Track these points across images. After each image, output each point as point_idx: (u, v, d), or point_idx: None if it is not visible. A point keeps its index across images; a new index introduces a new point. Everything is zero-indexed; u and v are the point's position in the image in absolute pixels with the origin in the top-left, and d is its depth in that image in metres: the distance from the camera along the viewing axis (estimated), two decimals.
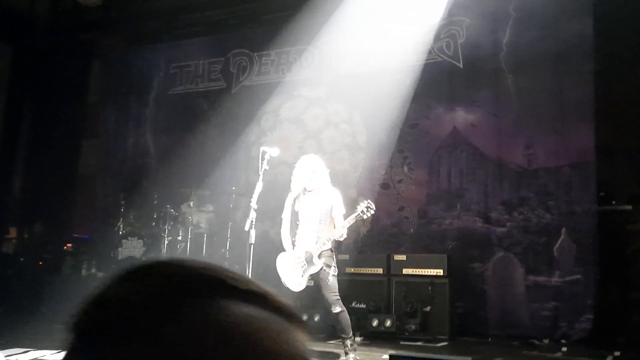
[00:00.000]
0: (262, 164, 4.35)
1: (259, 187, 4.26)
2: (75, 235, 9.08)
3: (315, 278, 4.44)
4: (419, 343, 5.81)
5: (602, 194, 6.90)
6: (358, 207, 4.28)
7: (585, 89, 6.84)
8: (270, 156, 4.41)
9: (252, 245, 4.13)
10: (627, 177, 7.07)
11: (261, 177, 4.30)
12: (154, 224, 7.46)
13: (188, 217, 7.20)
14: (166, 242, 7.14)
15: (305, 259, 4.37)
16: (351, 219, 4.29)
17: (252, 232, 4.12)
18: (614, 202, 7.04)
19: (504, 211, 7.12)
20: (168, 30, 9.35)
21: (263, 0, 8.48)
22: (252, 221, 4.13)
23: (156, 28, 9.40)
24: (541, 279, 6.77)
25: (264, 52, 8.66)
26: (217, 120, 8.56)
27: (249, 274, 4.07)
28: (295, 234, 4.51)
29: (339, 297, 4.41)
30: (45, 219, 8.71)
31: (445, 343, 5.87)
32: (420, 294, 6.25)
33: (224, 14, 8.87)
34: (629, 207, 7.01)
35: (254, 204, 4.20)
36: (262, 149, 4.43)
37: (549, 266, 6.76)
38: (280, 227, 4.58)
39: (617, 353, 5.30)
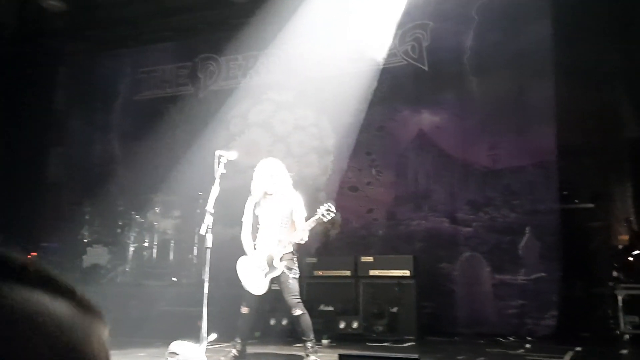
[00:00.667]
0: (217, 167, 4.33)
1: (215, 191, 4.24)
2: (43, 244, 8.93)
3: (277, 281, 4.44)
4: (386, 344, 5.84)
5: (564, 192, 7.05)
6: (318, 210, 4.29)
7: (547, 90, 6.99)
8: (228, 160, 4.41)
9: (208, 250, 4.11)
10: (589, 176, 7.21)
11: (217, 180, 4.28)
12: (119, 230, 7.39)
13: (154, 223, 7.14)
14: (132, 248, 7.08)
15: (267, 262, 4.37)
16: (312, 222, 4.30)
17: (209, 237, 4.10)
18: (576, 201, 7.19)
19: (470, 211, 7.22)
20: (135, 35, 9.28)
21: (230, 5, 8.46)
22: (208, 225, 4.12)
23: (123, 34, 9.32)
24: (507, 277, 6.87)
25: (232, 57, 8.65)
26: (184, 125, 8.52)
27: (206, 277, 4.06)
28: (256, 237, 4.50)
29: (300, 300, 4.41)
30: (10, 228, 8.54)
31: (412, 343, 5.91)
32: (388, 295, 6.29)
33: (192, 19, 8.84)
34: (591, 205, 7.16)
35: (210, 208, 4.18)
36: (217, 152, 4.41)
37: (515, 264, 6.86)
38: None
39: (578, 348, 5.40)
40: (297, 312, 4.35)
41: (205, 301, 4.03)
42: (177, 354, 3.60)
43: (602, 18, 6.90)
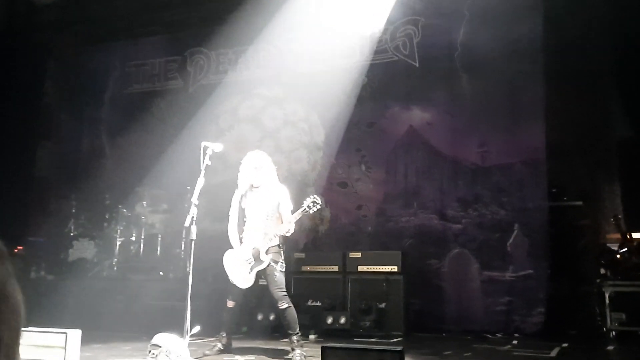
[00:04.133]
0: (203, 159, 4.30)
1: (200, 182, 4.20)
2: (30, 238, 8.85)
3: (263, 274, 4.41)
4: (374, 339, 5.82)
5: (553, 190, 7.06)
6: (304, 202, 4.26)
7: (536, 87, 6.99)
8: (213, 151, 4.37)
9: (192, 242, 4.07)
10: (577, 174, 7.23)
11: (203, 172, 4.25)
12: (106, 224, 7.33)
13: (141, 217, 7.08)
14: (118, 242, 7.02)
15: (253, 255, 4.34)
16: (297, 214, 4.27)
17: (194, 229, 4.06)
18: (565, 198, 7.20)
19: (459, 208, 7.22)
20: (124, 29, 9.20)
21: None
22: (192, 217, 4.08)
23: (112, 27, 9.24)
24: (495, 274, 6.87)
25: (221, 51, 8.61)
26: (173, 119, 8.47)
27: (190, 270, 4.02)
28: (243, 230, 4.47)
29: (285, 294, 4.39)
30: None
31: (399, 339, 5.90)
32: (375, 290, 6.28)
33: (181, 13, 8.78)
34: (580, 203, 7.19)
35: (195, 199, 4.14)
36: (203, 143, 4.37)
37: (503, 261, 6.87)
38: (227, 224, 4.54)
39: (564, 345, 5.40)
40: (283, 305, 4.33)
41: (189, 294, 3.99)
42: (160, 346, 3.56)
43: (593, 17, 6.92)
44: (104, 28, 9.27)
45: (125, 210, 7.19)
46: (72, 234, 7.41)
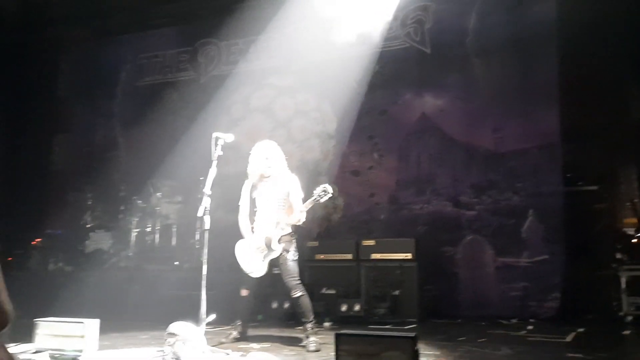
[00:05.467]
0: (215, 149, 4.32)
1: (212, 173, 4.23)
2: (48, 231, 8.99)
3: (276, 263, 4.44)
4: (388, 326, 5.85)
5: (568, 175, 6.99)
6: (315, 191, 4.27)
7: (550, 71, 6.91)
8: (225, 142, 4.39)
9: (206, 232, 4.11)
10: (592, 158, 7.14)
11: (215, 162, 4.27)
12: (121, 216, 7.41)
13: (156, 208, 7.16)
14: (134, 233, 7.10)
15: (265, 244, 4.37)
16: (309, 203, 4.28)
17: (207, 219, 4.10)
18: (580, 183, 7.12)
19: (473, 195, 7.18)
20: (135, 21, 9.25)
21: None
22: (205, 208, 4.11)
23: (123, 20, 9.29)
24: (510, 260, 6.85)
25: (232, 41, 8.61)
26: (186, 110, 8.51)
27: (204, 260, 4.06)
28: (254, 220, 4.50)
29: (299, 282, 4.41)
30: (15, 215, 8.60)
31: (414, 325, 5.91)
32: (389, 278, 6.29)
33: (191, 4, 8.79)
34: (595, 188, 7.10)
35: (207, 190, 4.17)
36: (214, 134, 4.39)
37: (518, 247, 6.83)
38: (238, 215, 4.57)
39: (580, 329, 5.38)
40: (297, 293, 4.36)
41: (203, 283, 4.04)
42: (176, 334, 3.62)
43: None
44: (115, 21, 9.32)
45: (140, 202, 7.27)
46: (88, 226, 7.52)
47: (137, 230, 7.22)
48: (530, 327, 5.67)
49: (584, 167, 7.18)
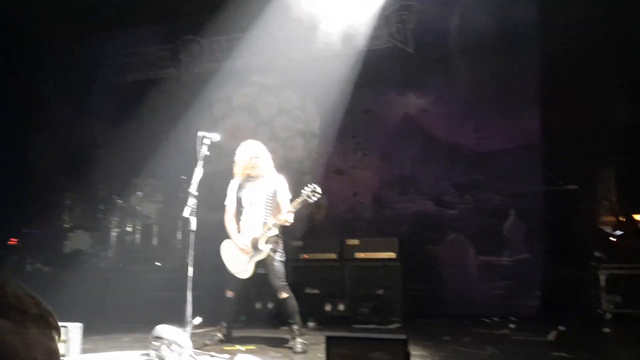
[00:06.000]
0: (200, 149, 4.26)
1: (198, 173, 4.17)
2: (25, 230, 8.80)
3: (262, 264, 4.40)
4: (372, 326, 5.85)
5: (549, 174, 7.08)
6: (303, 191, 4.24)
7: (532, 72, 6.99)
8: (211, 141, 4.33)
9: (192, 233, 4.05)
10: (573, 158, 7.24)
11: (201, 163, 4.21)
12: (101, 215, 7.29)
13: (137, 207, 7.05)
14: (114, 233, 6.98)
15: (251, 245, 4.32)
16: (297, 204, 4.25)
17: (193, 219, 4.04)
18: (560, 183, 7.22)
19: (455, 194, 7.24)
20: (117, 18, 9.07)
21: None
22: (191, 208, 4.05)
23: (105, 17, 9.11)
24: (492, 258, 6.92)
25: (214, 39, 8.53)
26: (167, 108, 8.38)
27: (190, 261, 4.01)
28: (240, 220, 4.45)
29: (286, 283, 4.38)
30: None
31: (398, 325, 5.92)
32: (373, 277, 6.29)
33: (174, 2, 8.66)
34: (575, 187, 7.21)
35: (193, 190, 4.11)
36: (200, 133, 4.33)
37: (500, 246, 6.91)
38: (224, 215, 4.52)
39: (561, 327, 5.45)
40: (284, 295, 4.33)
41: (189, 285, 3.98)
42: (162, 338, 3.56)
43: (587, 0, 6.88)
44: (96, 17, 9.14)
45: (120, 201, 7.15)
46: (67, 226, 7.37)
47: (118, 230, 7.11)
48: (512, 326, 5.72)
49: (564, 167, 7.28)
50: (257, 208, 4.40)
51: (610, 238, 6.55)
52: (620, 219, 6.50)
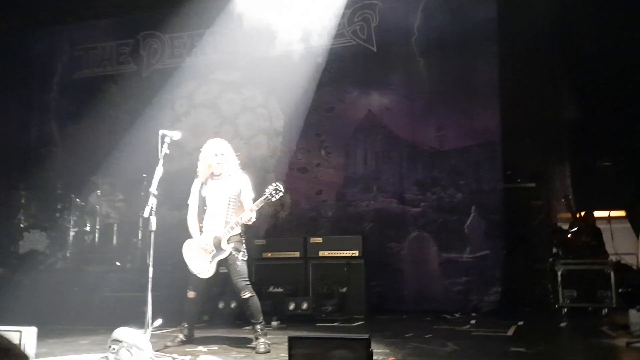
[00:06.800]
0: (161, 147, 4.17)
1: (159, 172, 4.08)
2: None
3: (225, 264, 4.35)
4: (336, 324, 5.87)
5: (508, 172, 7.25)
6: (266, 190, 4.20)
7: (491, 72, 7.13)
8: (172, 139, 4.25)
9: (152, 233, 3.96)
10: (531, 156, 7.44)
11: (161, 161, 4.12)
12: (58, 215, 7.07)
13: (96, 206, 6.87)
14: (72, 233, 6.79)
15: (214, 244, 4.27)
16: (260, 202, 4.21)
17: (153, 219, 3.95)
18: (519, 180, 7.41)
19: (418, 192, 7.32)
20: (73, 11, 8.80)
21: None
22: (152, 208, 3.97)
23: (60, 9, 8.82)
24: (453, 255, 7.03)
25: (176, 34, 8.38)
26: (127, 105, 8.20)
27: (150, 262, 3.93)
28: (203, 219, 4.38)
29: (248, 283, 4.34)
30: None
31: (361, 322, 5.96)
32: (337, 275, 6.32)
33: None
34: (533, 184, 7.41)
35: (154, 189, 4.02)
36: (161, 131, 4.23)
37: (461, 243, 7.03)
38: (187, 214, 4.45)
39: (520, 323, 5.58)
40: (246, 294, 4.29)
41: (149, 286, 3.90)
42: (121, 341, 3.47)
43: (546, 2, 7.05)
44: (51, 10, 8.84)
45: (78, 200, 6.96)
46: (22, 225, 7.13)
47: (75, 229, 6.92)
48: (472, 322, 5.83)
49: (522, 165, 7.47)
50: (220, 207, 4.34)
51: (567, 234, 6.73)
52: (577, 215, 6.69)
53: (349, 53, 7.70)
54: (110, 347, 3.47)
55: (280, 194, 4.19)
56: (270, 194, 4.18)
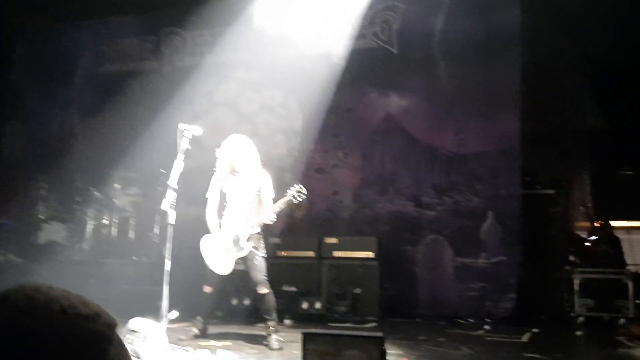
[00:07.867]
0: (180, 141, 4.20)
1: (178, 166, 4.11)
2: None
3: (243, 260, 4.37)
4: (348, 325, 5.86)
5: (526, 178, 7.17)
6: (288, 191, 4.20)
7: (513, 76, 7.06)
8: (192, 134, 4.27)
9: (171, 226, 4.00)
10: (550, 163, 7.36)
11: (181, 156, 4.15)
12: (77, 207, 7.16)
13: (114, 200, 6.95)
14: (90, 226, 6.87)
15: (233, 242, 4.28)
16: (281, 204, 4.22)
17: (172, 213, 3.98)
18: (537, 187, 7.33)
19: (434, 195, 7.28)
20: (97, 7, 8.92)
21: None
22: (171, 201, 3.99)
23: (84, 5, 8.94)
24: (469, 260, 6.97)
25: (197, 32, 8.43)
26: (147, 101, 8.26)
27: (167, 255, 3.96)
28: (222, 215, 4.40)
29: (267, 278, 4.36)
30: None
31: (374, 324, 5.94)
32: (351, 276, 6.30)
33: None
34: (552, 191, 7.33)
35: (173, 183, 4.06)
36: (180, 125, 4.27)
37: (476, 248, 6.97)
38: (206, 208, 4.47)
39: (535, 330, 5.53)
40: (264, 290, 4.30)
41: (166, 279, 3.93)
42: (137, 332, 3.51)
43: (569, 10, 6.98)
44: (75, 6, 8.97)
45: (97, 193, 7.04)
46: (41, 217, 7.23)
47: (94, 222, 7.00)
48: (487, 327, 5.78)
49: (541, 171, 7.39)
50: (241, 204, 4.35)
51: (585, 243, 6.66)
52: (595, 224, 6.61)
53: (369, 54, 7.69)
54: (125, 337, 3.51)
55: (303, 196, 4.19)
56: (293, 196, 4.18)
